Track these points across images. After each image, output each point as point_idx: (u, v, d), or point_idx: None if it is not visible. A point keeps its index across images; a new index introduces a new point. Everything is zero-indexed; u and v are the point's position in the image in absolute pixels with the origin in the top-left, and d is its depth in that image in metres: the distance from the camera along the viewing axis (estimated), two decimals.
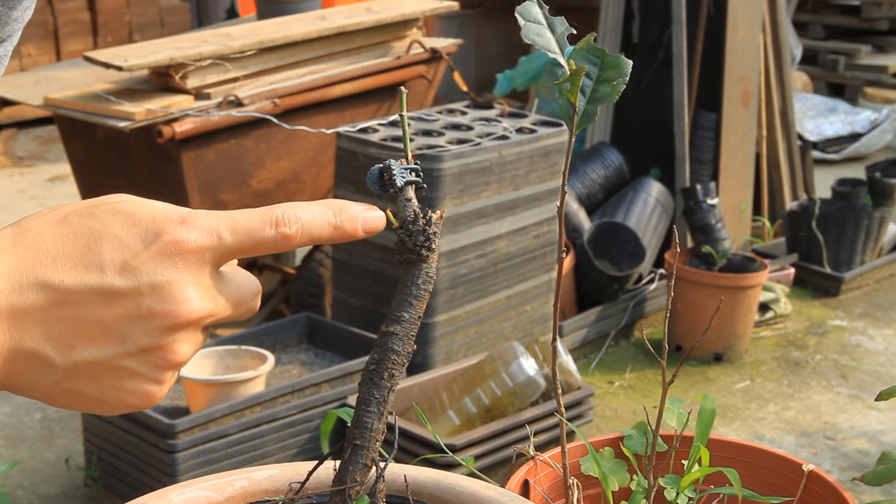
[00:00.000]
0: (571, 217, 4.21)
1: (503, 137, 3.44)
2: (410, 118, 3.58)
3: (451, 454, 1.25)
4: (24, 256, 0.68)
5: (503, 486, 1.14)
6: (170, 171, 3.49)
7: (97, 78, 3.66)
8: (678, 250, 1.34)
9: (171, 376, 0.72)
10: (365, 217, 0.75)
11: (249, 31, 3.72)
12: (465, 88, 4.13)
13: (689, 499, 1.24)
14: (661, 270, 4.34)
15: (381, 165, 0.84)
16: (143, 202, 0.71)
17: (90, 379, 0.70)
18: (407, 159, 0.85)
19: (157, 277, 0.68)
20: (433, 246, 0.82)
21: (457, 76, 4.14)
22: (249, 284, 0.74)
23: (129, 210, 0.70)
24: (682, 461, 1.28)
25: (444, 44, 4.12)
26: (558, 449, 1.24)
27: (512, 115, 3.69)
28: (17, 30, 0.95)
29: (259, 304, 0.76)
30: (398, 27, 4.06)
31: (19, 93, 3.72)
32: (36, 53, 7.06)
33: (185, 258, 0.69)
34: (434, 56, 4.06)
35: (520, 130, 3.52)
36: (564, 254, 3.33)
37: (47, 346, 0.68)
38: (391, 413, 0.83)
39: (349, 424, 0.83)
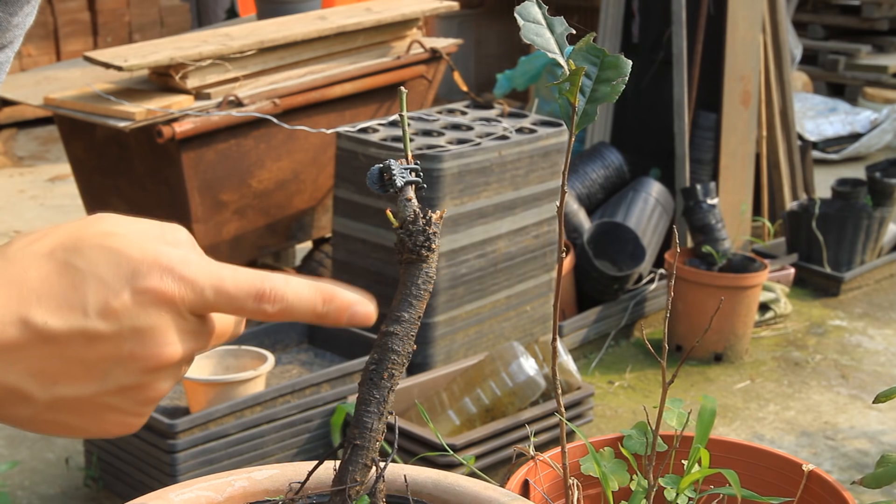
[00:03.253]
0: (571, 217, 4.21)
1: (503, 137, 3.44)
2: (410, 118, 3.58)
3: (452, 453, 1.25)
4: (8, 292, 0.68)
5: (503, 486, 1.14)
6: (170, 171, 3.49)
7: (97, 78, 3.67)
8: (678, 250, 1.34)
9: (152, 408, 0.73)
10: (354, 312, 0.75)
11: (249, 31, 3.73)
12: (465, 88, 4.13)
13: (689, 499, 1.24)
14: (661, 270, 4.34)
15: (381, 165, 0.84)
16: (132, 238, 0.70)
17: (71, 412, 0.71)
18: (407, 159, 0.85)
19: (139, 322, 0.68)
20: (433, 246, 0.82)
21: (457, 76, 4.14)
22: (231, 316, 0.75)
23: (116, 247, 0.69)
24: (682, 461, 1.28)
25: (444, 44, 4.12)
26: (558, 449, 1.24)
27: (512, 115, 3.69)
28: (19, 36, 0.95)
29: (243, 328, 0.76)
30: (398, 27, 4.06)
31: (19, 93, 3.72)
32: (36, 53, 7.06)
33: (168, 306, 0.69)
34: (434, 56, 4.06)
35: (520, 130, 3.52)
36: (564, 254, 3.33)
37: (28, 381, 0.68)
38: (391, 413, 0.83)
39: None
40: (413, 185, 0.83)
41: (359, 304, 0.76)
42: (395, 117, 3.64)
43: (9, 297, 0.67)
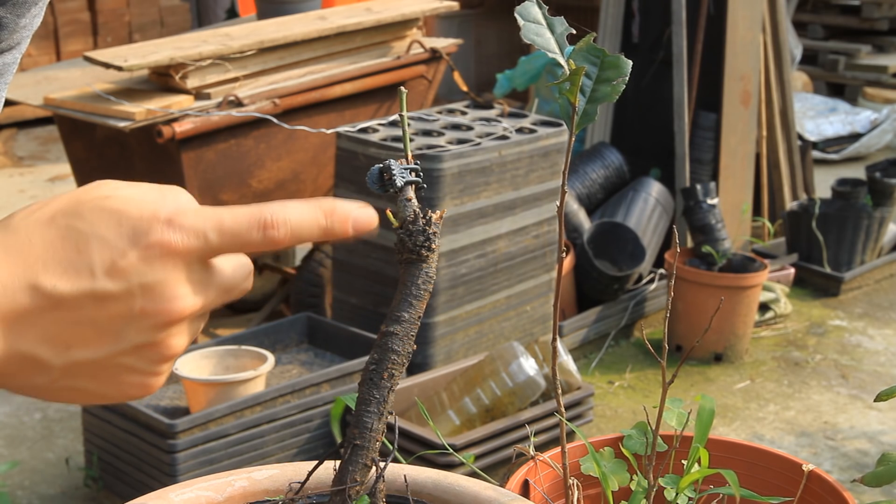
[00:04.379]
0: (571, 217, 4.21)
1: (503, 137, 3.44)
2: (410, 118, 3.58)
3: (452, 451, 1.25)
4: (15, 261, 0.68)
5: (503, 486, 1.14)
6: (170, 171, 3.49)
7: (97, 78, 3.67)
8: (678, 250, 1.34)
9: (169, 367, 0.73)
10: (356, 217, 0.74)
11: (249, 31, 3.73)
12: (465, 88, 4.13)
13: (689, 499, 1.24)
14: (661, 270, 4.34)
15: (381, 165, 0.84)
16: (130, 197, 0.70)
17: (87, 377, 0.71)
18: (407, 159, 0.85)
19: (147, 278, 0.69)
20: (433, 246, 0.82)
21: (457, 76, 4.14)
22: (240, 268, 0.74)
23: (115, 207, 0.69)
24: (682, 461, 1.28)
25: (444, 44, 4.12)
26: (558, 449, 1.24)
27: (512, 115, 3.69)
28: (26, 37, 0.95)
29: (251, 283, 0.75)
30: (398, 27, 4.06)
31: (19, 93, 3.72)
32: (36, 53, 7.06)
33: (173, 259, 0.69)
34: (434, 56, 4.06)
35: (520, 130, 3.52)
36: (564, 254, 3.33)
37: (42, 348, 0.69)
38: (391, 413, 0.83)
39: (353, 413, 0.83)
40: (413, 185, 0.83)
41: (359, 210, 0.74)
42: (395, 117, 3.64)
43: (15, 265, 0.68)
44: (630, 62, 0.98)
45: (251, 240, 0.71)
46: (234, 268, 0.74)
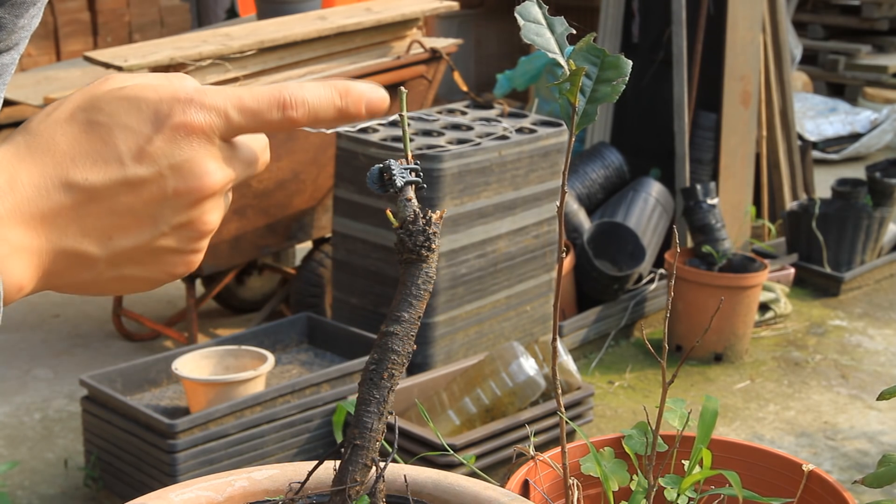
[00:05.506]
0: (571, 217, 4.21)
1: (503, 137, 3.44)
2: (410, 118, 3.58)
3: (452, 452, 1.25)
4: (44, 161, 0.69)
5: (503, 486, 1.14)
6: None
7: (97, 78, 3.66)
8: (678, 250, 1.34)
9: (206, 243, 0.75)
10: (370, 98, 0.76)
11: (249, 31, 3.73)
12: (465, 88, 4.13)
13: (690, 499, 1.24)
14: (661, 270, 4.33)
15: (381, 165, 0.84)
16: (144, 84, 0.72)
17: (132, 264, 0.72)
18: (407, 159, 0.85)
19: (175, 158, 0.70)
20: (433, 246, 0.82)
21: (457, 76, 4.14)
22: (258, 141, 0.76)
23: (133, 95, 0.71)
24: (683, 461, 1.28)
25: (444, 44, 4.12)
26: (558, 449, 1.24)
27: (512, 115, 3.69)
28: (25, 38, 0.96)
29: (269, 155, 0.77)
30: (398, 27, 4.06)
31: (19, 93, 3.72)
32: (36, 53, 7.06)
33: (198, 137, 0.71)
34: (434, 56, 4.06)
35: (520, 130, 3.52)
36: (564, 254, 3.33)
37: (84, 241, 0.70)
38: (391, 413, 0.82)
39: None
40: (413, 185, 0.83)
41: (372, 92, 0.77)
42: (395, 117, 3.64)
43: (44, 165, 0.69)
44: (630, 62, 0.98)
45: (271, 119, 0.73)
46: (252, 141, 0.76)
